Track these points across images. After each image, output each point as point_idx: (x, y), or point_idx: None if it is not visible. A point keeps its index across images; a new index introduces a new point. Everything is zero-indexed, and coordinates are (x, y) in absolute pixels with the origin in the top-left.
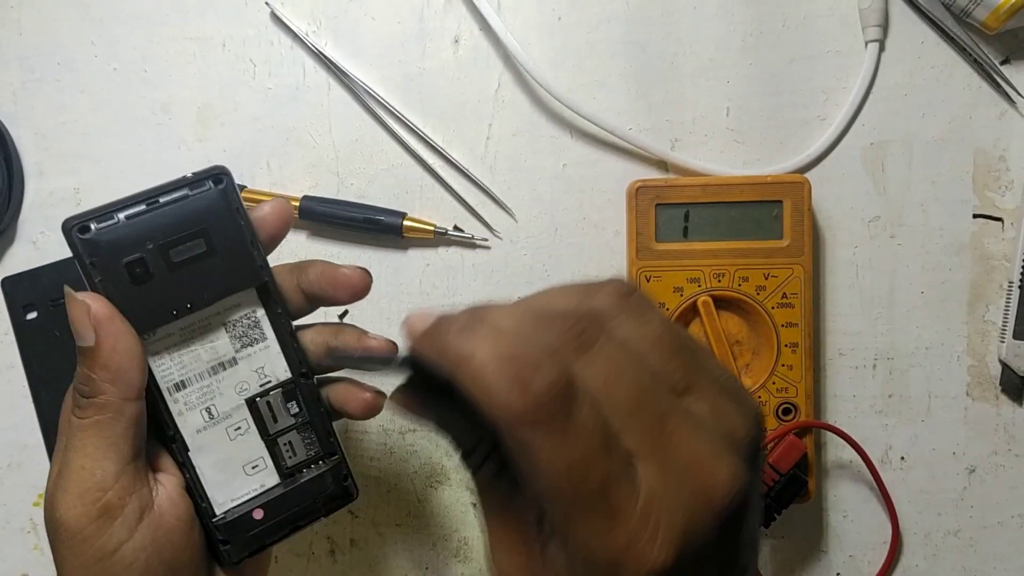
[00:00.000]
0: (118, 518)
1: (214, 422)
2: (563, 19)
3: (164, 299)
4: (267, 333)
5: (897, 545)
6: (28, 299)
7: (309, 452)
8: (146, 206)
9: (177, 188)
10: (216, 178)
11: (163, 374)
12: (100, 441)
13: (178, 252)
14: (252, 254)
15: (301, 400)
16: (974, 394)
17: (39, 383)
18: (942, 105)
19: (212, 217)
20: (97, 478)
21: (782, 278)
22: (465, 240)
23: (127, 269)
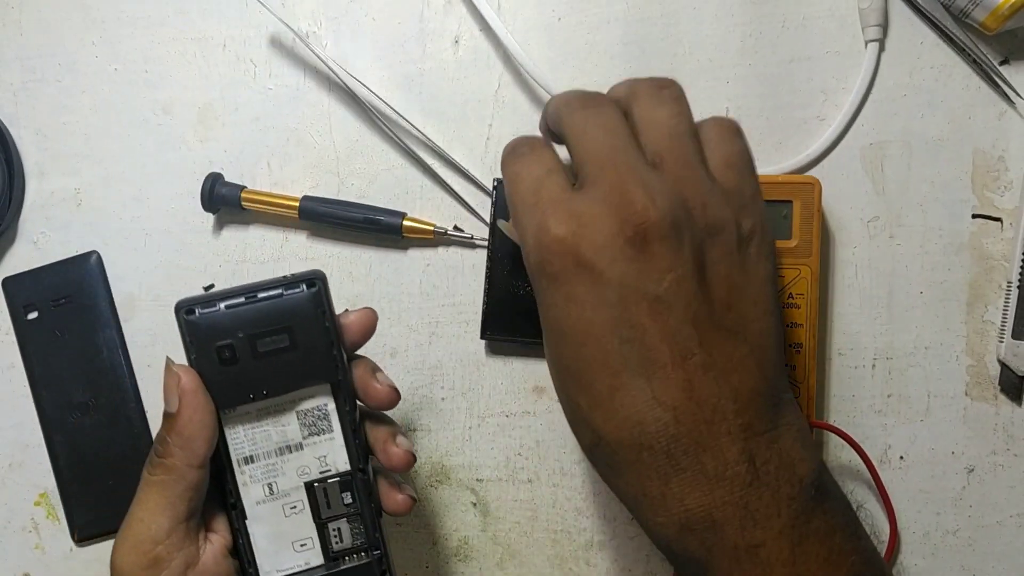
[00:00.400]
0: (164, 570)
1: (273, 497)
2: (563, 20)
3: (245, 382)
4: (334, 426)
5: (895, 544)
6: (29, 299)
7: (355, 541)
8: (245, 299)
9: (275, 287)
10: (310, 282)
11: (236, 447)
12: (161, 499)
13: (264, 343)
14: (331, 354)
15: (356, 492)
16: (973, 394)
17: (39, 383)
18: (941, 105)
19: (299, 317)
20: (152, 532)
21: (789, 278)
22: (465, 240)
23: (217, 352)
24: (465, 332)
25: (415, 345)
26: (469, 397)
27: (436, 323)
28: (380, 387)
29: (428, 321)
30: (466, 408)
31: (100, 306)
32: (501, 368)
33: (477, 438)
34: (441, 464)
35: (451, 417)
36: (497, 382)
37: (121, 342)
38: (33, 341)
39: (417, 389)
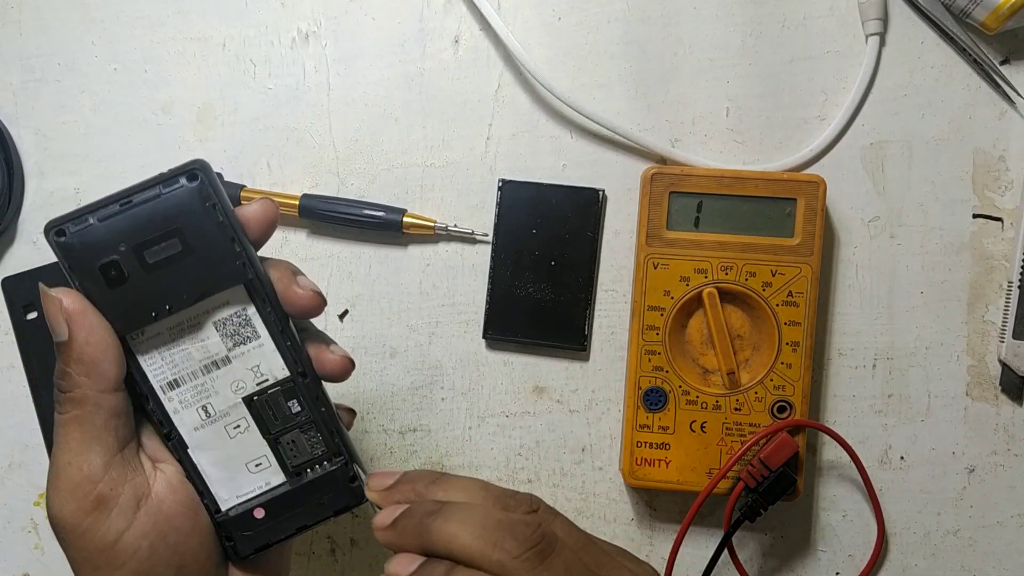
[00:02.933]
0: (114, 508)
1: (211, 420)
2: (563, 19)
3: (142, 301)
4: (259, 331)
5: (882, 545)
6: (28, 299)
7: (314, 452)
8: (119, 207)
9: (150, 187)
10: (191, 174)
11: (155, 373)
12: (82, 435)
13: (152, 253)
14: (234, 251)
15: (302, 397)
16: (974, 394)
17: (39, 383)
18: (942, 105)
19: (186, 216)
20: (85, 472)
21: (789, 276)
22: (465, 236)
23: (101, 272)
24: (465, 332)
25: (415, 345)
26: (469, 397)
27: (436, 323)
28: (302, 292)
29: (428, 321)
30: (466, 408)
31: None
32: (501, 368)
33: (477, 438)
34: (441, 464)
35: (451, 417)
36: (497, 382)
37: None
38: (33, 341)
39: (417, 389)
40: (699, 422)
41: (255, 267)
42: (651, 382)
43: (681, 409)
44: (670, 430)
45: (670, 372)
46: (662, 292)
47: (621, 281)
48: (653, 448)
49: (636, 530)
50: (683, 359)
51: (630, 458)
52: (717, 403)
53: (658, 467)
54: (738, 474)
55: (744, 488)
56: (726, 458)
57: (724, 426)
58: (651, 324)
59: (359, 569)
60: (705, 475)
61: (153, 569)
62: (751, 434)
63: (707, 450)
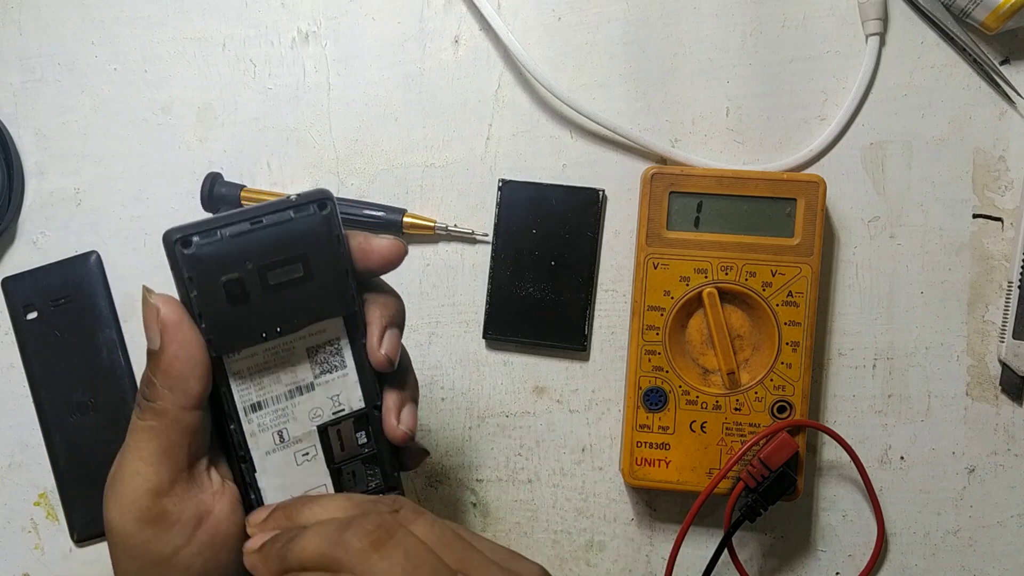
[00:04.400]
0: (175, 524)
1: (284, 446)
2: (563, 19)
3: (256, 320)
4: (347, 362)
5: (882, 545)
6: (28, 299)
7: (370, 484)
8: (250, 225)
9: (281, 209)
10: (321, 203)
11: (242, 394)
12: (156, 446)
13: (276, 275)
14: (347, 283)
15: (371, 431)
16: (974, 394)
17: (39, 383)
18: (942, 105)
19: (313, 242)
20: (151, 484)
21: (789, 276)
22: (465, 235)
23: (225, 288)
24: (465, 332)
25: (415, 345)
26: (469, 397)
27: (436, 323)
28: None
29: (428, 321)
30: (466, 408)
31: (100, 306)
32: (501, 368)
33: (477, 438)
34: (441, 464)
35: (451, 417)
36: (497, 382)
37: (121, 342)
38: (33, 341)
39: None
40: (699, 422)
41: (359, 301)
42: (651, 382)
43: (681, 409)
44: (670, 430)
45: (670, 372)
46: (662, 292)
47: (621, 281)
48: (653, 448)
49: (636, 530)
50: (683, 359)
51: (630, 458)
52: (717, 403)
53: (658, 467)
54: (738, 474)
55: (744, 488)
56: (726, 458)
57: (724, 426)
58: (651, 324)
59: None
60: (705, 475)
61: None
62: (751, 434)
63: (707, 450)
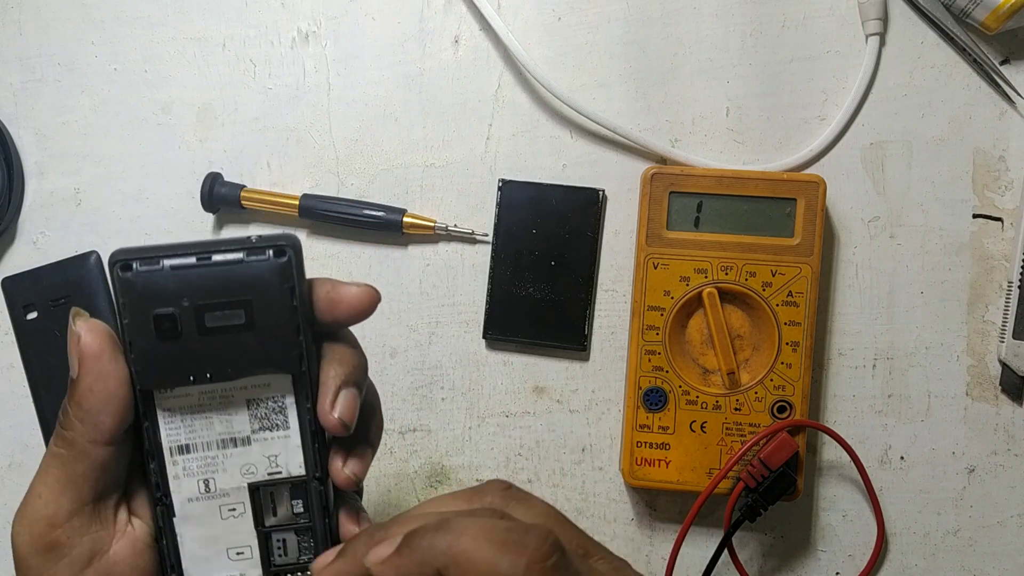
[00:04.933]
0: (64, 558)
1: (209, 496)
2: (563, 19)
3: (186, 361)
4: (291, 423)
5: (882, 545)
6: (28, 299)
7: (302, 558)
8: (196, 260)
9: (235, 249)
10: (279, 249)
11: (169, 432)
12: (60, 475)
13: (213, 318)
14: (295, 340)
15: (309, 502)
16: (974, 394)
17: (39, 383)
18: (942, 105)
19: (260, 290)
20: (50, 511)
21: (789, 276)
22: (465, 235)
23: (155, 322)
24: (465, 332)
25: (415, 345)
26: (469, 397)
27: (436, 323)
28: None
29: (428, 321)
30: (466, 408)
31: (100, 306)
32: (501, 368)
33: (477, 438)
34: (441, 464)
35: (451, 417)
36: (497, 382)
37: None
38: (33, 341)
39: (417, 389)
40: (699, 422)
41: (309, 359)
42: (651, 382)
43: (681, 409)
44: (670, 430)
45: (670, 372)
46: (662, 292)
47: (621, 281)
48: (653, 448)
49: (636, 530)
50: (683, 359)
51: (630, 458)
52: (717, 403)
53: (658, 467)
54: (738, 474)
55: (744, 488)
56: (726, 458)
57: (724, 426)
58: (651, 324)
59: None
60: (705, 475)
61: None
62: (751, 434)
63: (707, 450)
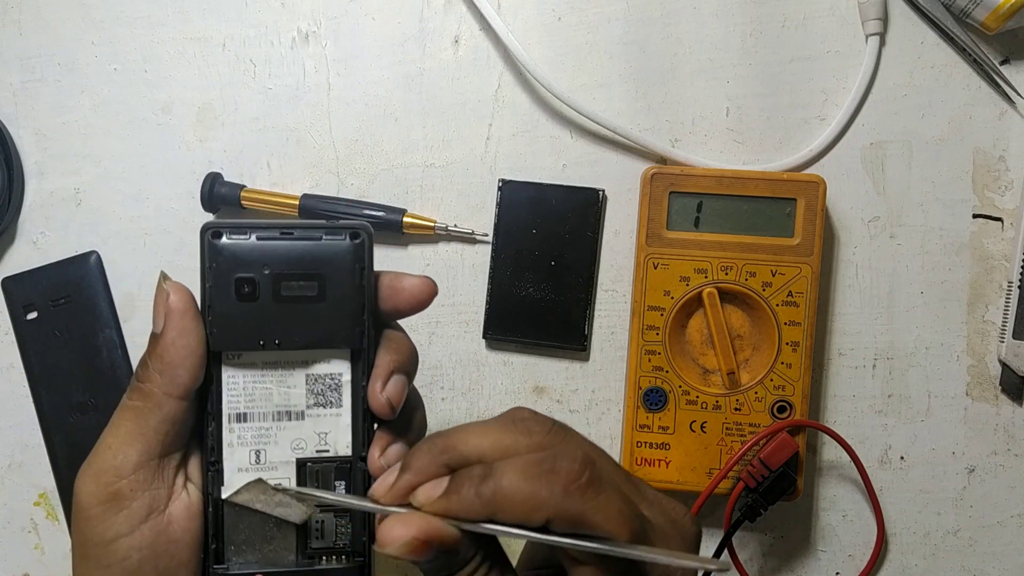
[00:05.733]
0: (124, 509)
1: (258, 467)
2: (563, 19)
3: (259, 326)
4: (344, 401)
5: (882, 545)
6: (28, 299)
7: (338, 542)
8: (280, 234)
9: (316, 229)
10: (355, 233)
11: (230, 400)
12: (133, 427)
13: (289, 287)
14: (360, 318)
15: (351, 484)
16: (974, 394)
17: (39, 383)
18: (942, 105)
19: (334, 266)
20: (118, 462)
21: (789, 276)
22: (465, 235)
23: (236, 284)
24: (465, 332)
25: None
26: (469, 397)
27: (436, 323)
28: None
29: (428, 321)
30: (466, 408)
31: (100, 306)
32: (501, 368)
33: None
34: None
35: (451, 417)
36: (497, 382)
37: (120, 342)
38: (33, 341)
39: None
40: (699, 422)
41: (369, 340)
42: (651, 382)
43: (681, 409)
44: (670, 430)
45: (670, 372)
46: (662, 292)
47: (621, 281)
48: (653, 448)
49: None
50: (683, 359)
51: (630, 458)
52: (717, 403)
53: (658, 467)
54: (738, 474)
55: (744, 488)
56: (726, 458)
57: (724, 426)
58: (651, 324)
59: None
60: (705, 475)
61: None
62: (751, 434)
63: (707, 450)
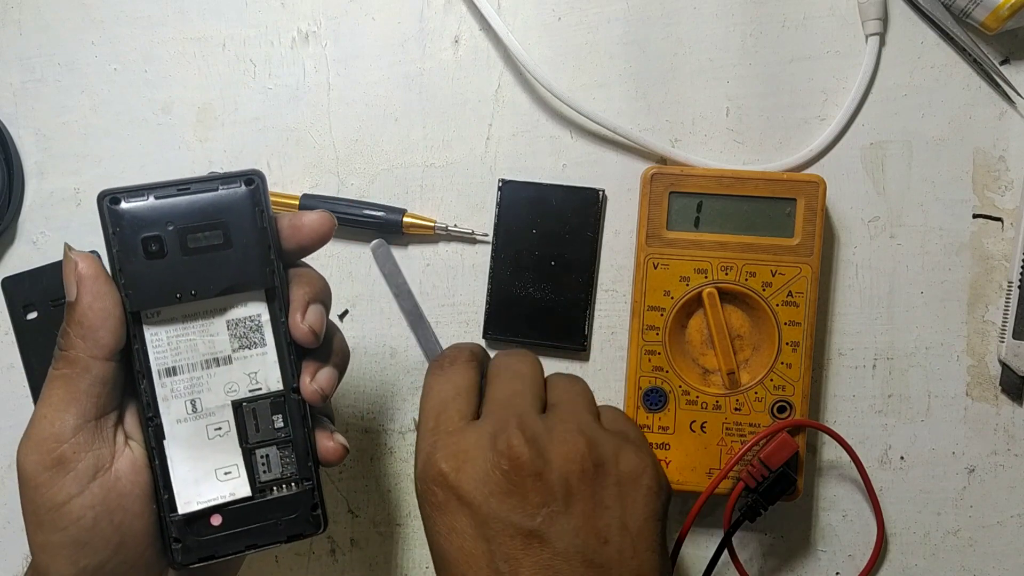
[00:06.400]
0: (70, 472)
1: (196, 416)
2: (563, 19)
3: (172, 280)
4: (267, 339)
5: (882, 545)
6: (28, 299)
7: (285, 471)
8: (176, 190)
9: (210, 181)
10: (248, 179)
11: (157, 355)
12: (64, 394)
13: (195, 239)
14: (267, 258)
15: (287, 415)
16: (974, 394)
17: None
18: (942, 105)
19: (235, 213)
20: (56, 428)
21: (789, 276)
22: (466, 236)
23: (143, 244)
24: (465, 332)
25: (415, 345)
26: None
27: (436, 323)
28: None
29: (428, 321)
30: None
31: None
32: None
33: None
34: None
35: None
36: None
37: None
38: (33, 341)
39: (417, 389)
40: (699, 422)
41: (280, 278)
42: (651, 382)
43: (681, 409)
44: (670, 430)
45: (670, 372)
46: (662, 292)
47: (621, 281)
48: (653, 448)
49: None
50: (683, 359)
51: None
52: (717, 403)
53: None
54: (738, 474)
55: (744, 488)
56: (726, 458)
57: (724, 426)
58: (651, 324)
59: (359, 569)
60: (705, 475)
61: (92, 541)
62: (751, 434)
63: (707, 450)
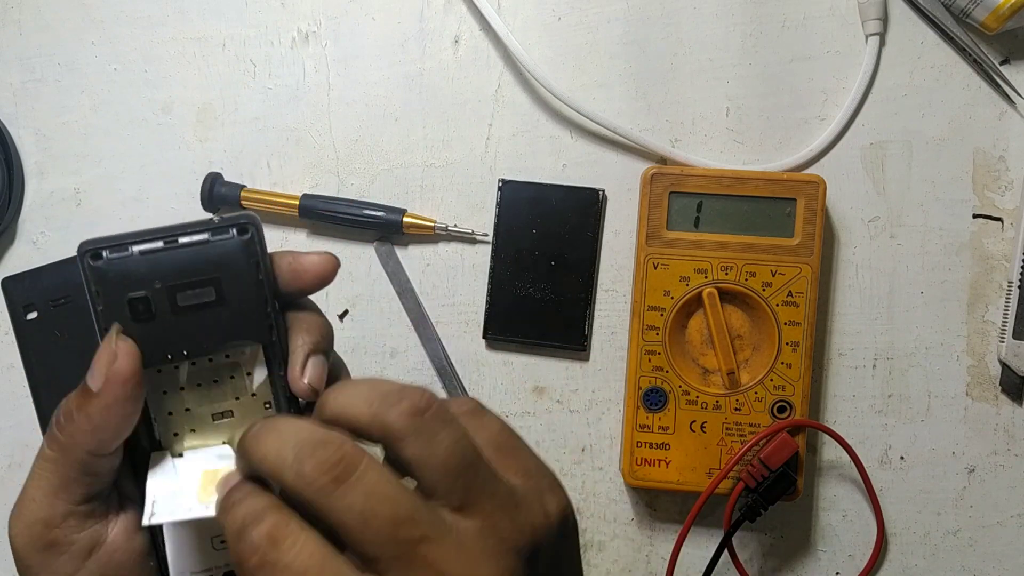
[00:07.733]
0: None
1: None
2: (563, 19)
3: (162, 341)
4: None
5: (882, 545)
6: (28, 299)
7: None
8: (163, 243)
9: (199, 231)
10: (242, 227)
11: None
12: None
13: (185, 297)
14: (264, 311)
15: None
16: (974, 394)
17: (39, 383)
18: (942, 105)
19: (227, 267)
20: (44, 514)
21: (789, 276)
22: (465, 235)
23: (129, 305)
24: (465, 332)
25: (415, 345)
26: None
27: (436, 323)
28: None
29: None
30: None
31: None
32: (501, 368)
33: None
34: None
35: None
36: (497, 382)
37: None
38: (32, 341)
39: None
40: (699, 422)
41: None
42: (651, 382)
43: (681, 409)
44: (670, 430)
45: (670, 372)
46: (662, 292)
47: (621, 281)
48: (653, 448)
49: (636, 530)
50: (683, 359)
51: (630, 458)
52: (717, 403)
53: (658, 467)
54: (738, 474)
55: (744, 488)
56: (726, 458)
57: (724, 426)
58: (651, 324)
59: None
60: (705, 475)
61: None
62: (751, 434)
63: (707, 450)
